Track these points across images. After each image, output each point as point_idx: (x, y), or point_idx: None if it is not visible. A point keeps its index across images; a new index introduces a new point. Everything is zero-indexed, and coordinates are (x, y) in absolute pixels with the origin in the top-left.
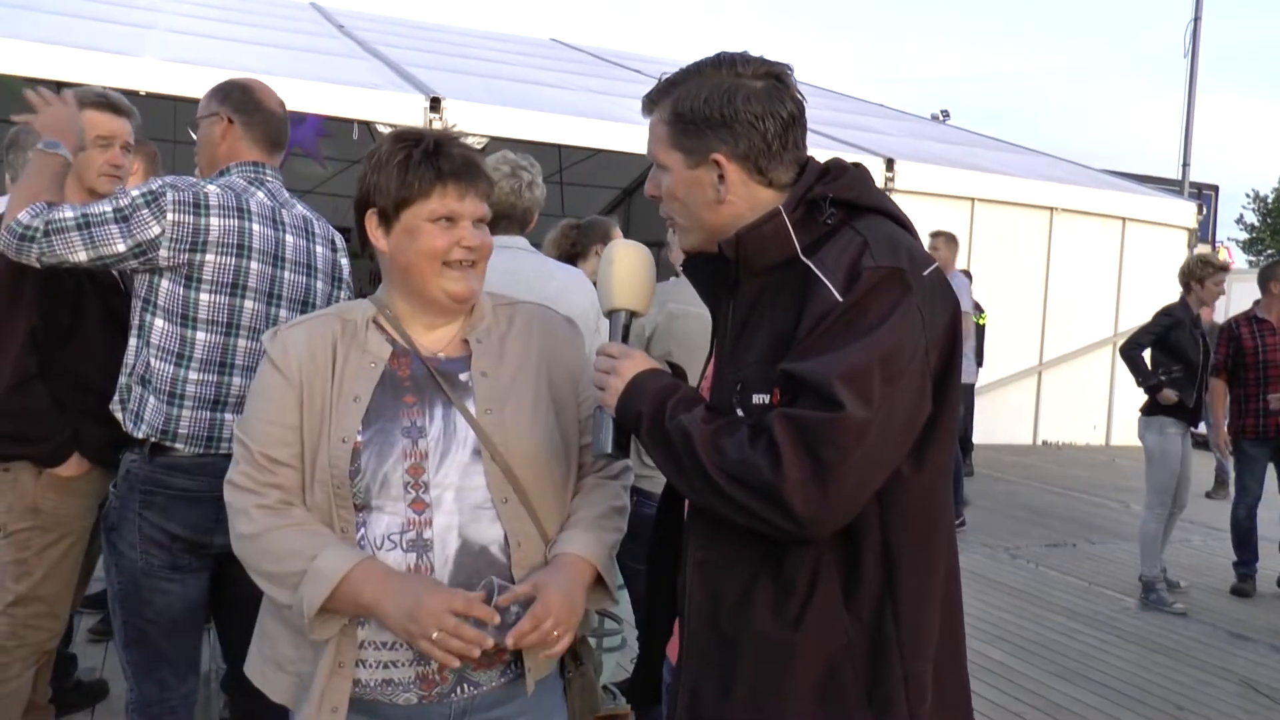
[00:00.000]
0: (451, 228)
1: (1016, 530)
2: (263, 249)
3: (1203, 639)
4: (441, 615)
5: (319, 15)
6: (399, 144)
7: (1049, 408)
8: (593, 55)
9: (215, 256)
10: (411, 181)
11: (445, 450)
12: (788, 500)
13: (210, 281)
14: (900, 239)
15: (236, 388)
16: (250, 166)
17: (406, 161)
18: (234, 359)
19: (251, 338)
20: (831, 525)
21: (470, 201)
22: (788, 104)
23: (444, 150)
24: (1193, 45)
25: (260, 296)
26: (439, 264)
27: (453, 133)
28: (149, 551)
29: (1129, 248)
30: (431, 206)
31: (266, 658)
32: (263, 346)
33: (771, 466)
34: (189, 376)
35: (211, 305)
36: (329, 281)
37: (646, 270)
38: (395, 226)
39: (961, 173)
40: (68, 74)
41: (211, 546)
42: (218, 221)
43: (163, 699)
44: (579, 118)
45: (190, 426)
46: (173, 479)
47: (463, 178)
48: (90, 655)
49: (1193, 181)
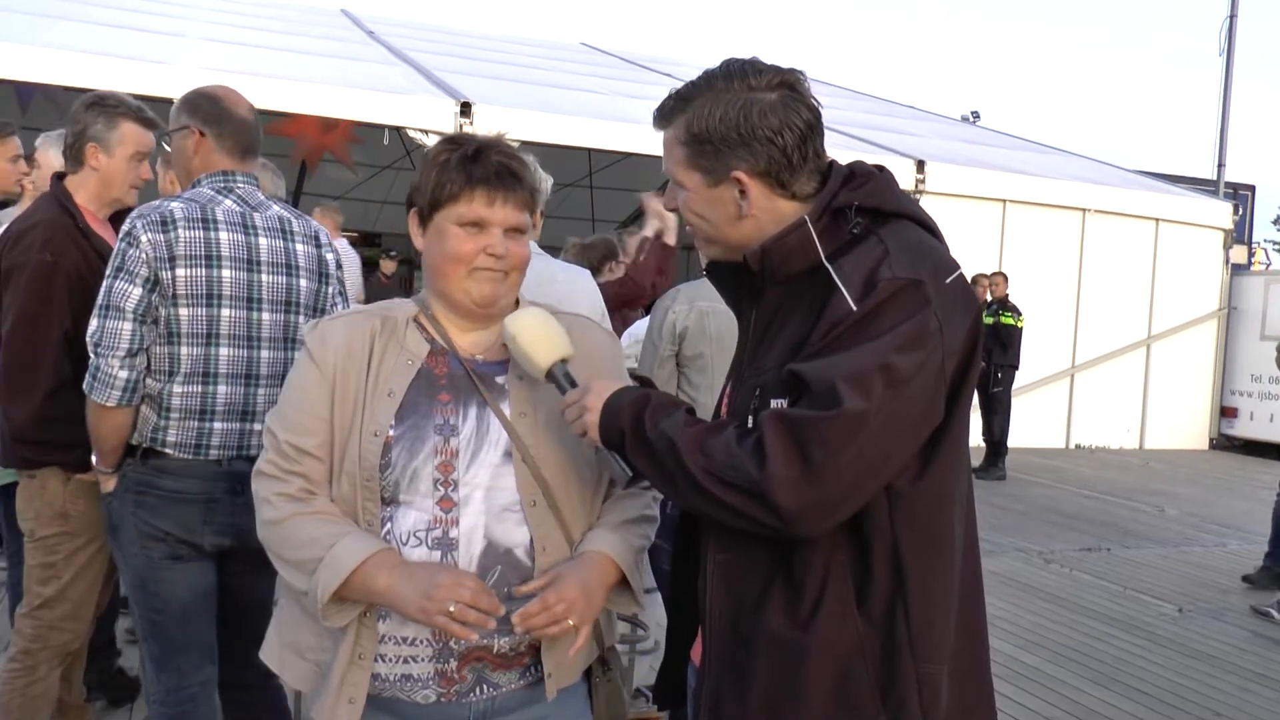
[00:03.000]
0: (478, 234)
1: (1050, 534)
2: (233, 255)
3: (1241, 645)
4: (457, 589)
5: (349, 21)
6: (444, 146)
7: (1082, 411)
8: (623, 59)
9: (185, 270)
10: (443, 184)
11: (476, 450)
12: (774, 497)
13: (186, 295)
14: (924, 247)
15: (223, 396)
16: (220, 176)
17: (445, 164)
18: (217, 368)
19: (233, 345)
20: (819, 524)
21: (501, 209)
22: (803, 113)
23: (482, 156)
24: (1228, 43)
25: (238, 303)
26: (463, 269)
27: (500, 140)
28: (147, 545)
29: (1163, 249)
30: (460, 210)
31: (286, 643)
32: (301, 336)
33: (758, 464)
34: (173, 390)
35: (191, 318)
36: (314, 278)
37: (545, 324)
38: (429, 227)
39: (992, 174)
40: (103, 82)
41: (204, 545)
42: (184, 234)
43: (181, 687)
44: (609, 121)
45: (178, 435)
46: (162, 480)
47: (494, 185)
48: (128, 655)
49: (1229, 181)
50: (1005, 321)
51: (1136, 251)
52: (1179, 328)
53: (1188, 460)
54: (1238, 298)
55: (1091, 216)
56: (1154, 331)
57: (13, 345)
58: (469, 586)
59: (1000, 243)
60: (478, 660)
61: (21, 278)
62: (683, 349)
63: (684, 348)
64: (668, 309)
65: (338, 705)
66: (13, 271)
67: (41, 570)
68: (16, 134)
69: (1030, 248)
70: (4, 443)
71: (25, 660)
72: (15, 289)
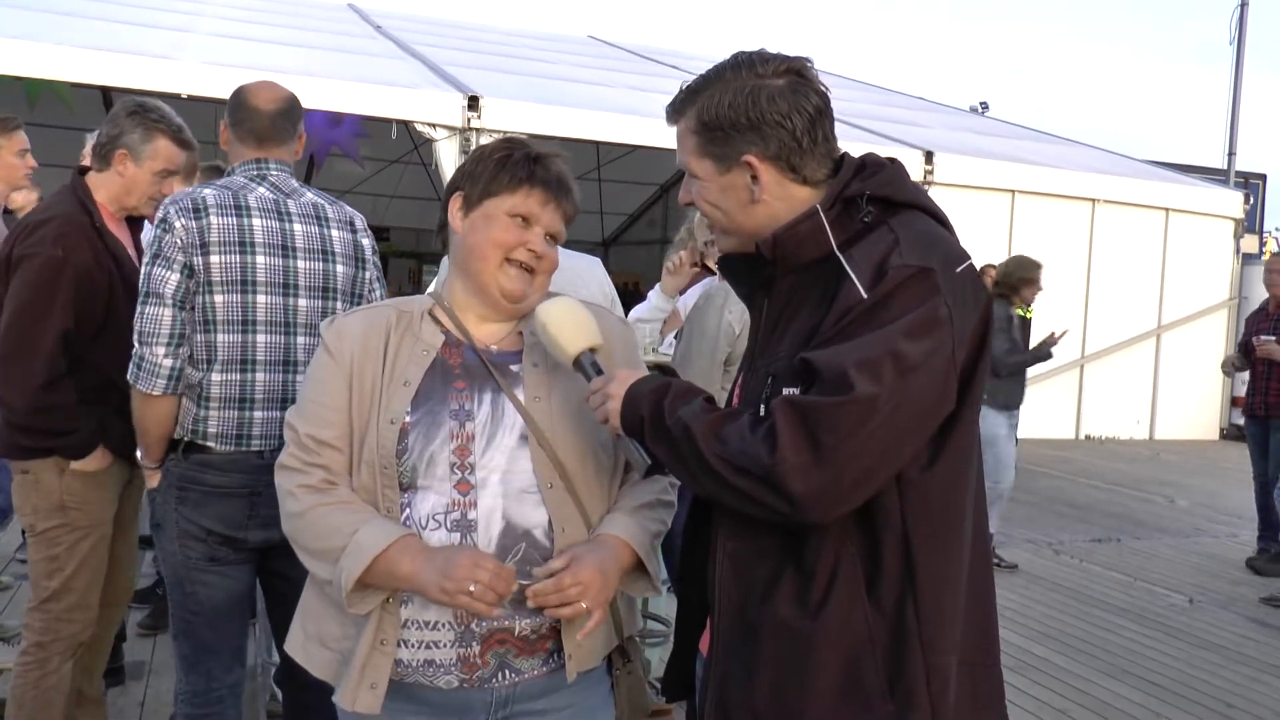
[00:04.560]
0: (525, 229)
1: (1060, 526)
2: (267, 242)
3: (1253, 635)
4: (475, 569)
5: (357, 16)
6: (506, 144)
7: (1092, 402)
8: (630, 52)
9: (219, 256)
10: (504, 176)
11: (492, 434)
12: (785, 483)
13: (220, 282)
14: (934, 236)
15: (261, 384)
16: (252, 164)
17: (506, 159)
18: (254, 355)
19: (270, 332)
20: (830, 510)
21: (550, 213)
22: (812, 98)
23: (544, 160)
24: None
25: (273, 289)
26: (501, 256)
27: (556, 152)
28: (187, 545)
29: (1173, 239)
30: (514, 202)
31: (310, 634)
32: (318, 334)
33: (769, 450)
34: (212, 378)
35: (226, 305)
36: (350, 264)
37: (575, 313)
38: (475, 211)
39: (1001, 165)
40: (111, 79)
41: (247, 541)
42: (216, 221)
43: (209, 689)
44: (617, 114)
45: (219, 425)
46: (205, 475)
47: (551, 188)
48: (140, 649)
49: (1240, 170)
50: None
51: (1146, 242)
52: (1189, 318)
53: (1198, 451)
54: (1249, 287)
55: (1101, 207)
56: (1164, 322)
57: (9, 335)
58: (487, 567)
59: (1009, 234)
60: (500, 644)
61: (30, 269)
62: (735, 348)
63: (737, 345)
64: (721, 308)
65: (359, 690)
66: (21, 261)
67: (46, 564)
68: (23, 128)
69: (1039, 238)
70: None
71: (37, 653)
72: (21, 279)
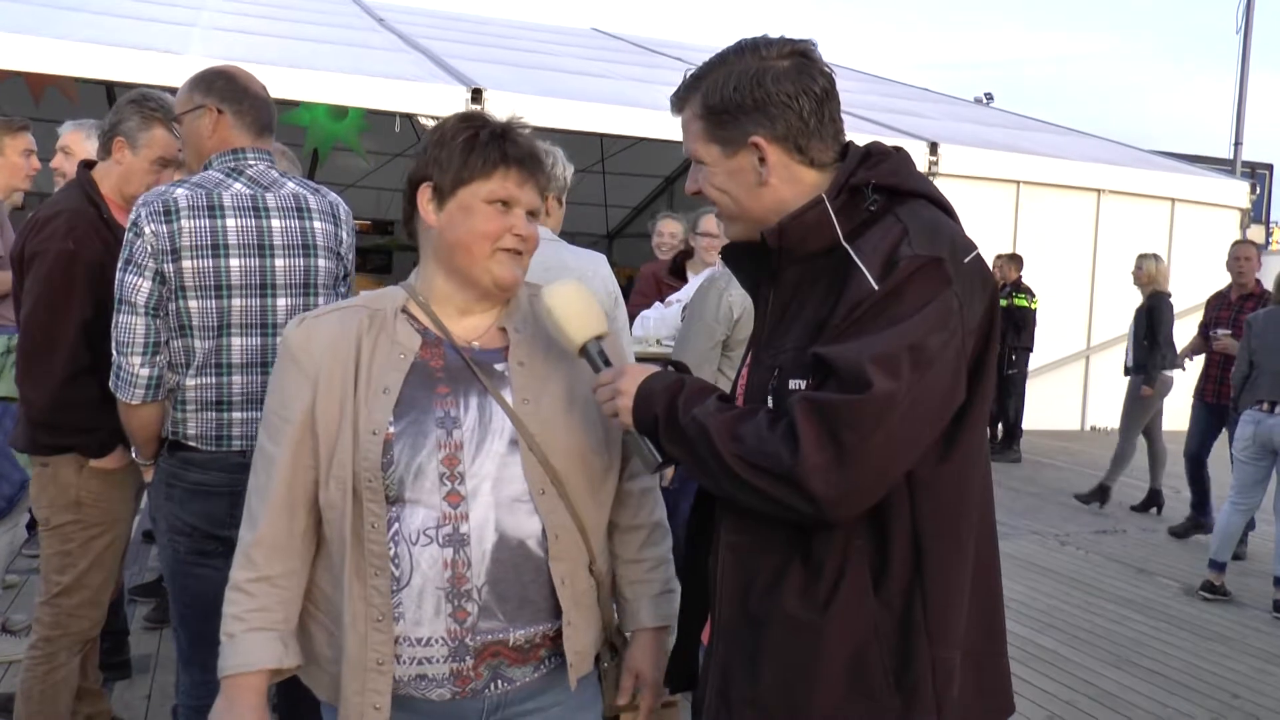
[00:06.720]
0: (506, 213)
1: (1065, 516)
2: (241, 243)
3: (1258, 626)
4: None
5: (359, 9)
6: (465, 124)
7: (1097, 392)
8: (633, 44)
9: (192, 261)
10: (475, 161)
11: (481, 441)
12: (808, 484)
13: (194, 287)
14: (942, 225)
15: (239, 385)
16: (230, 155)
17: (472, 140)
18: (230, 358)
19: (246, 334)
20: (853, 508)
21: (528, 191)
22: (818, 79)
23: (511, 135)
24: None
25: (249, 292)
26: (489, 247)
27: (521, 122)
28: (175, 539)
29: (1179, 229)
30: (491, 187)
31: (309, 655)
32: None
33: (791, 451)
34: (187, 382)
35: (201, 311)
36: (333, 257)
37: (583, 299)
38: (449, 203)
39: (1006, 155)
40: (113, 73)
41: (231, 539)
42: (188, 224)
43: (205, 681)
44: (620, 106)
45: (198, 427)
46: (188, 473)
47: (526, 166)
48: (145, 643)
49: (1246, 160)
50: (1019, 304)
51: (1152, 232)
52: (1195, 308)
53: None
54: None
55: (1106, 197)
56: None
57: (30, 331)
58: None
59: (1014, 224)
60: (494, 656)
61: (43, 265)
62: (736, 332)
63: (737, 330)
64: (722, 293)
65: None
66: (35, 258)
67: (58, 558)
68: (29, 129)
69: (1045, 229)
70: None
71: (46, 648)
72: (36, 275)
